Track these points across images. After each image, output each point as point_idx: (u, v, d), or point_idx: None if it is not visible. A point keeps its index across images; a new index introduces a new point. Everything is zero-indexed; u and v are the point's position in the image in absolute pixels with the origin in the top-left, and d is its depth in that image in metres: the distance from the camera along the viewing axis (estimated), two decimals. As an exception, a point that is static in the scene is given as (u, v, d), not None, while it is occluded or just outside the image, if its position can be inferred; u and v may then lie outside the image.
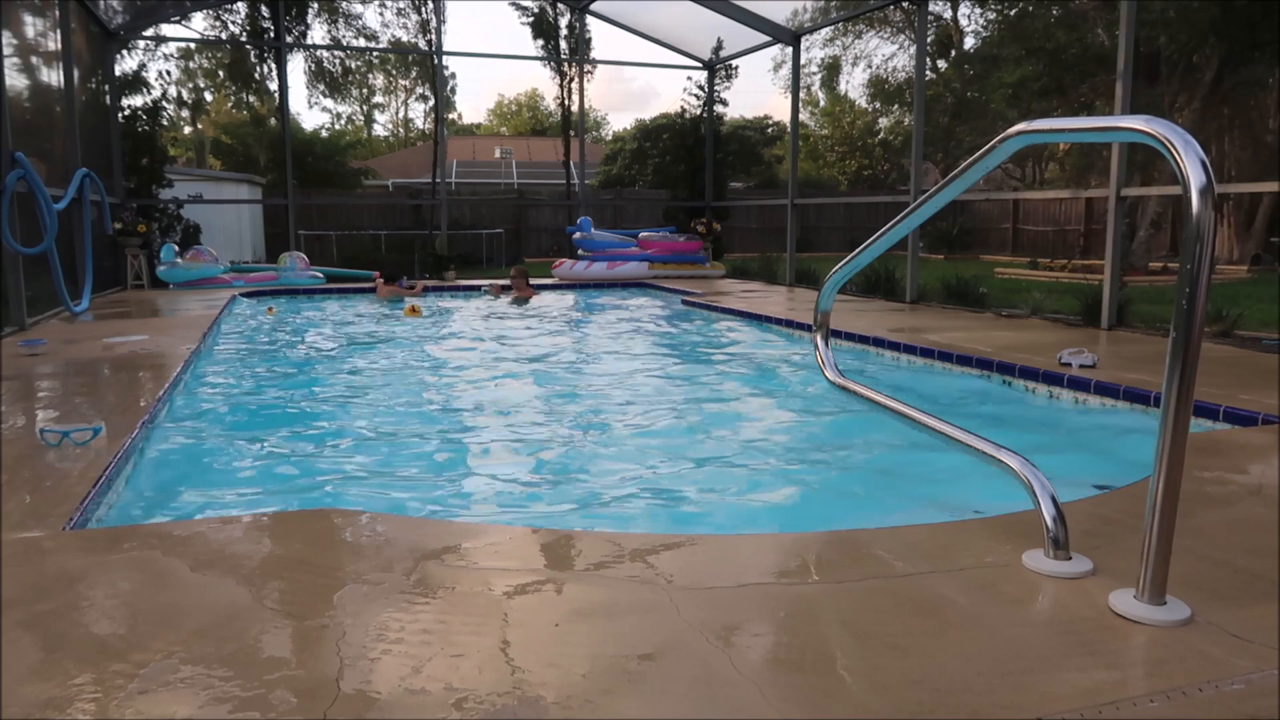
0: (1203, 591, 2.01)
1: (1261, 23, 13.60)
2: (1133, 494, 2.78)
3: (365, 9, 20.45)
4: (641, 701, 1.56)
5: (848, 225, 25.14)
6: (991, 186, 17.70)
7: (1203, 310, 1.76)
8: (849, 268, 2.87)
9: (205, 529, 2.48)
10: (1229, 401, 4.04)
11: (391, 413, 5.02)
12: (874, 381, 4.68)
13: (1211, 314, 6.61)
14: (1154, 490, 1.86)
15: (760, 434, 4.66)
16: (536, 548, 2.40)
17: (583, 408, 5.22)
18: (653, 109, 72.03)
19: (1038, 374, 5.00)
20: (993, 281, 12.11)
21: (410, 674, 1.64)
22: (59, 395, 4.49)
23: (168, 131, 14.76)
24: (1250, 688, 1.62)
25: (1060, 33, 17.78)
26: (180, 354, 5.58)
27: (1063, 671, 1.66)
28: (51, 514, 2.55)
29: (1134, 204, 15.66)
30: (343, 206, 20.76)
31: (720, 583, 2.09)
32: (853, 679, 1.64)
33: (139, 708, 1.52)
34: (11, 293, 6.84)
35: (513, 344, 7.63)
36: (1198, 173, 1.72)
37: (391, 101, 43.09)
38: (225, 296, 10.10)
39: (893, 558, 2.25)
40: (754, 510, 3.48)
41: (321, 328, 8.72)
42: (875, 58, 42.27)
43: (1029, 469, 2.22)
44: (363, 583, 2.08)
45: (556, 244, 20.50)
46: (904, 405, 2.64)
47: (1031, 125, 2.17)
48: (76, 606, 1.95)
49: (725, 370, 6.56)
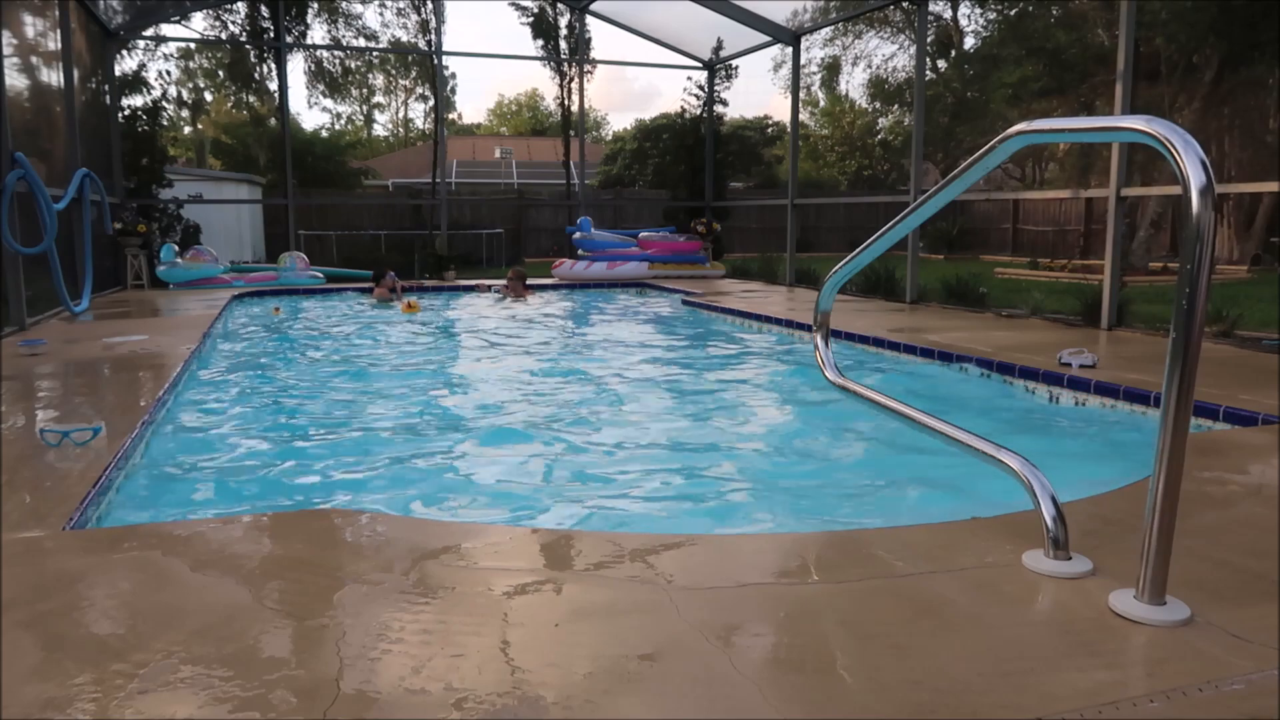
0: (1203, 591, 2.01)
1: (1261, 23, 13.59)
2: (1133, 494, 2.78)
3: (365, 9, 20.49)
4: (642, 701, 1.56)
5: (848, 225, 25.12)
6: (991, 186, 17.69)
7: (1203, 310, 1.76)
8: (849, 268, 2.87)
9: (205, 529, 2.48)
10: (1229, 401, 4.04)
11: (391, 412, 5.02)
12: (872, 381, 4.68)
13: (1211, 314, 6.61)
14: (1154, 490, 1.86)
15: (760, 434, 4.66)
16: (536, 548, 2.40)
17: (583, 408, 5.21)
18: (655, 109, 72.01)
19: (1038, 374, 5.01)
20: (993, 281, 12.10)
21: (410, 674, 1.64)
22: (59, 395, 4.49)
23: (168, 131, 14.75)
24: (1250, 688, 1.62)
25: (1060, 33, 17.79)
26: (180, 354, 5.58)
27: (1063, 671, 1.66)
28: (51, 514, 2.55)
29: (1134, 204, 15.66)
30: (343, 206, 20.75)
31: (720, 583, 2.09)
32: (853, 679, 1.64)
33: (139, 708, 1.52)
34: (11, 293, 6.84)
35: (512, 344, 7.63)
36: (1198, 173, 1.72)
37: (391, 101, 43.08)
38: (225, 296, 10.10)
39: (893, 558, 2.25)
40: (754, 510, 3.48)
41: (321, 328, 8.72)
42: (875, 58, 42.19)
43: (1029, 469, 2.22)
44: (363, 583, 2.07)
45: (556, 244, 20.48)
46: (904, 405, 2.64)
47: (1031, 125, 2.17)
48: (76, 606, 1.95)
49: (725, 370, 6.56)
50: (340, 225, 19.89)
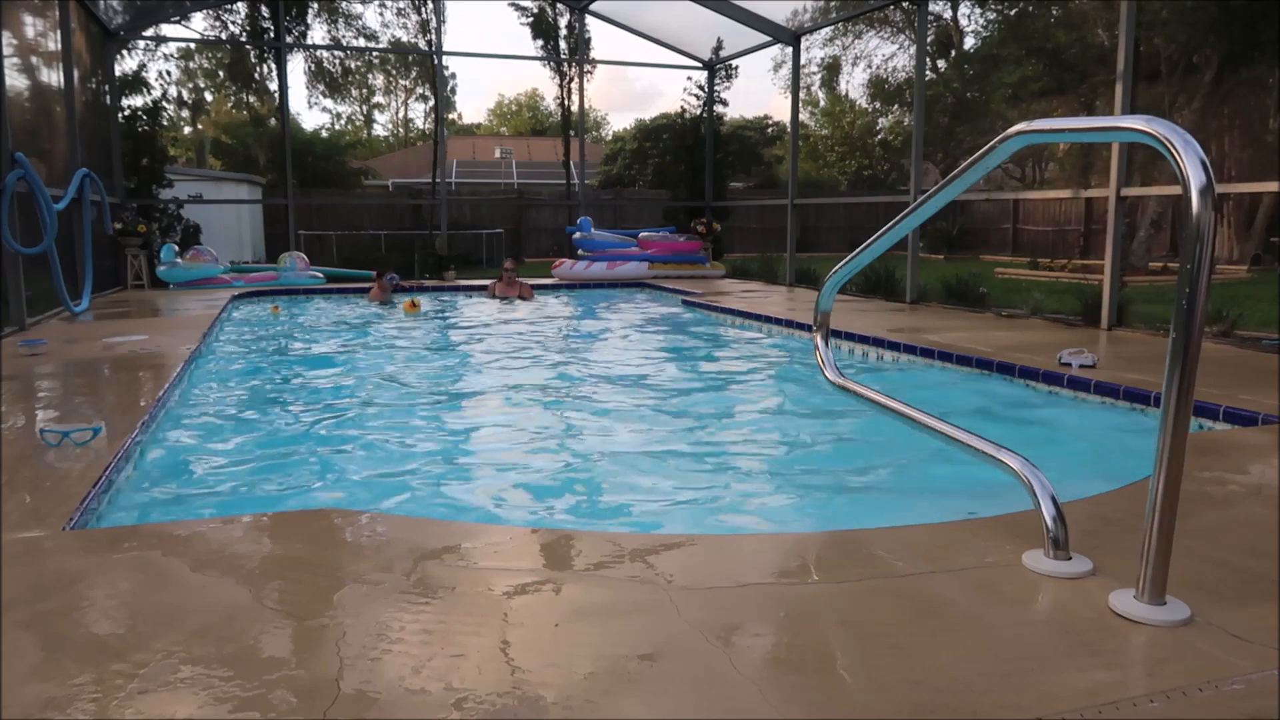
0: (1203, 591, 2.01)
1: (1261, 23, 13.60)
2: (1133, 494, 2.78)
3: (365, 9, 20.50)
4: (642, 701, 1.56)
5: (848, 225, 25.11)
6: (991, 186, 17.68)
7: (1203, 310, 1.76)
8: (849, 268, 2.87)
9: (205, 529, 2.48)
10: (1229, 401, 4.04)
11: (391, 412, 5.02)
12: (872, 381, 4.67)
13: (1211, 314, 6.61)
14: (1154, 490, 1.86)
15: (760, 434, 4.66)
16: (536, 548, 2.40)
17: (582, 408, 5.22)
18: (655, 109, 71.97)
19: (1038, 374, 5.01)
20: (993, 281, 12.10)
21: (410, 674, 1.64)
22: (59, 395, 4.49)
23: (168, 131, 14.76)
24: (1250, 688, 1.62)
25: (1060, 33, 17.79)
26: (180, 354, 5.58)
27: (1063, 671, 1.66)
28: (51, 514, 2.55)
29: (1134, 204, 15.66)
30: (343, 206, 20.74)
31: (720, 583, 2.09)
32: (853, 679, 1.64)
33: (139, 708, 1.52)
34: (11, 293, 6.84)
35: (512, 344, 7.63)
36: (1198, 173, 1.72)
37: (391, 101, 43.05)
38: (225, 296, 10.10)
39: (893, 558, 2.25)
40: (754, 510, 3.48)
41: (321, 328, 8.72)
42: (875, 58, 42.14)
43: (1029, 469, 2.22)
44: (363, 583, 2.07)
45: (556, 244, 20.48)
46: (904, 405, 2.64)
47: (1031, 125, 2.17)
48: (76, 606, 1.95)
49: (725, 370, 6.56)
50: (340, 225, 19.89)
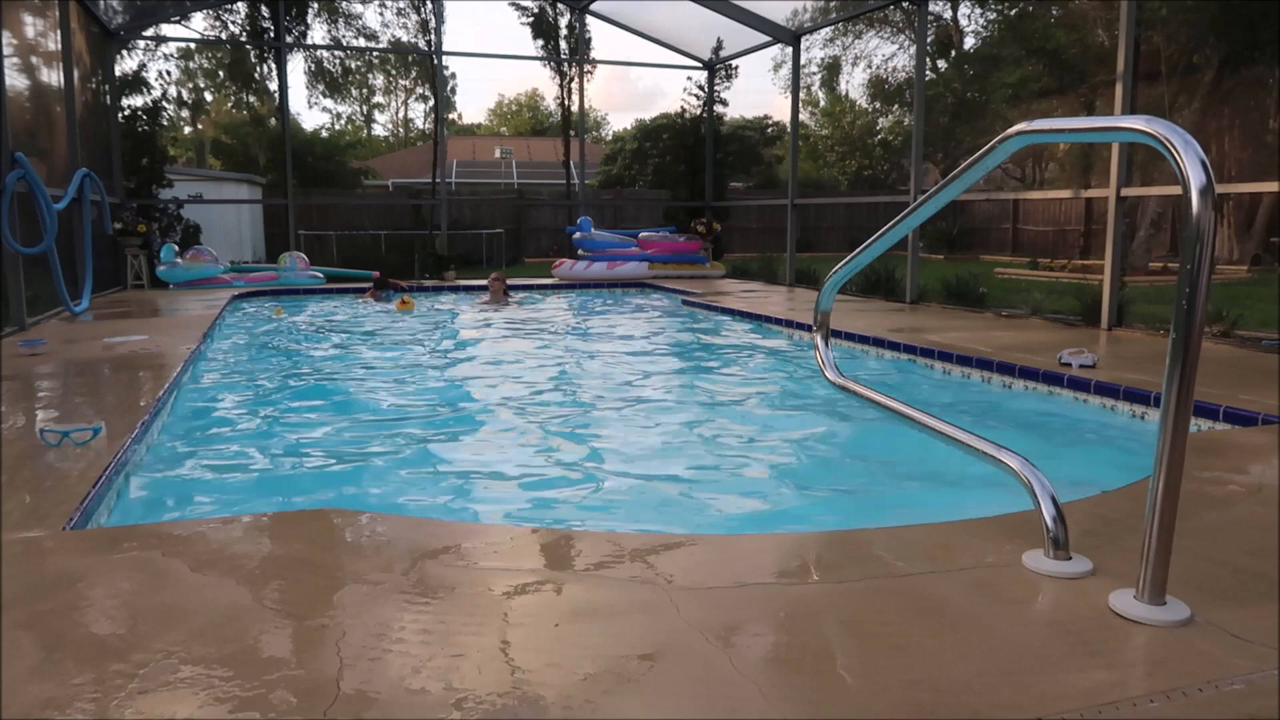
0: (1203, 591, 2.01)
1: (1261, 23, 13.59)
2: (1133, 494, 2.78)
3: (365, 9, 20.47)
4: (642, 701, 1.56)
5: (848, 225, 25.11)
6: (991, 186, 17.68)
7: (1203, 310, 1.76)
8: (849, 268, 2.87)
9: (205, 529, 2.48)
10: (1229, 401, 4.04)
11: (391, 412, 5.02)
12: (872, 381, 4.67)
13: (1211, 314, 6.61)
14: (1154, 490, 1.86)
15: (760, 434, 4.66)
16: (536, 548, 2.40)
17: (582, 408, 5.22)
18: (655, 109, 71.96)
19: (1038, 374, 5.00)
20: (993, 281, 12.11)
21: (410, 674, 1.64)
22: (59, 395, 4.49)
23: (168, 131, 14.76)
24: (1250, 688, 1.62)
25: (1060, 33, 17.79)
26: (180, 354, 5.58)
27: (1063, 671, 1.66)
28: (51, 514, 2.55)
29: (1134, 204, 15.65)
30: (343, 206, 20.74)
31: (720, 583, 2.09)
32: (853, 679, 1.64)
33: (139, 708, 1.52)
34: (11, 293, 6.84)
35: (512, 344, 7.63)
36: (1198, 173, 1.72)
37: (391, 101, 43.08)
38: (225, 297, 10.10)
39: (893, 558, 2.25)
40: (754, 510, 3.48)
41: (321, 328, 8.72)
42: (875, 58, 42.17)
43: (1029, 469, 2.22)
44: (363, 583, 2.07)
45: (556, 244, 20.46)
46: (904, 405, 2.64)
47: (1031, 125, 2.17)
48: (76, 606, 1.95)
49: (725, 370, 6.55)
50: (340, 225, 19.89)
